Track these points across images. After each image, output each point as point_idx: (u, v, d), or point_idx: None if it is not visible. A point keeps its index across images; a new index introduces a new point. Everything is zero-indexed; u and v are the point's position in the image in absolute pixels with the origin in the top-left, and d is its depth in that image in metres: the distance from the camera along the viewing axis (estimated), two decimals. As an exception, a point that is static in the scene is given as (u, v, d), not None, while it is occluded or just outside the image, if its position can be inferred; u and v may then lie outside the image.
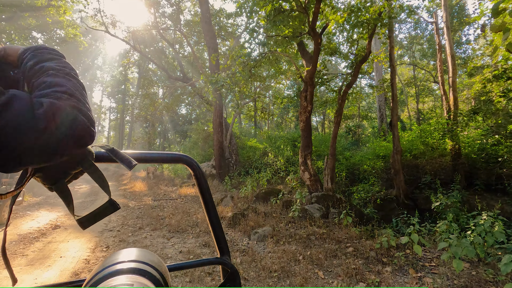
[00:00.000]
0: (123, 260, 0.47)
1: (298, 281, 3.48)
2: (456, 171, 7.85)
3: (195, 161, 0.83)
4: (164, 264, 0.51)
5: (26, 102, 0.47)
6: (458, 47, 17.15)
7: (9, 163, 0.47)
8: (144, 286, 0.39)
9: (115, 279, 0.41)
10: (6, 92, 0.47)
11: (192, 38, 18.73)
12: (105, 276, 0.43)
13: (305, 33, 7.19)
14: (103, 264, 0.46)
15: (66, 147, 0.51)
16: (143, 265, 0.46)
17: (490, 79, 7.38)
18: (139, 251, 0.51)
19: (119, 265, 0.45)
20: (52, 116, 0.48)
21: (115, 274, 0.43)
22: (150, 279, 0.44)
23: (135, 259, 0.47)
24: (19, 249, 4.89)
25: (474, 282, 3.26)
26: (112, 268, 0.44)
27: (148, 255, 0.50)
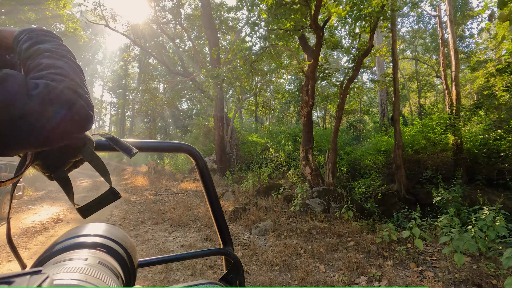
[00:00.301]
0: (80, 234, 0.44)
1: (300, 274, 3.49)
2: (458, 166, 7.83)
3: (197, 150, 0.81)
4: (133, 243, 0.47)
5: (20, 82, 0.45)
6: (461, 41, 16.99)
7: (3, 146, 0.45)
8: (102, 260, 0.36)
9: (69, 253, 0.38)
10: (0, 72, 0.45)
11: (192, 32, 18.61)
12: (60, 249, 0.40)
13: (306, 27, 7.11)
14: (57, 239, 0.43)
15: (64, 131, 0.49)
16: (103, 239, 0.43)
17: (494, 73, 7.30)
18: (101, 226, 0.48)
19: (74, 239, 0.42)
20: (48, 98, 0.46)
21: (72, 248, 0.40)
22: (111, 254, 0.41)
23: (98, 233, 0.44)
24: (22, 243, 4.92)
25: (475, 276, 3.26)
26: (67, 243, 0.41)
27: (111, 230, 0.47)
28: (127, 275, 0.40)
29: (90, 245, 0.41)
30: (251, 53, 8.16)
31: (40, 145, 0.49)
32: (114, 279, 0.33)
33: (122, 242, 0.44)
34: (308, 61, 7.57)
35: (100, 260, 0.36)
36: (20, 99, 0.44)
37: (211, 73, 8.39)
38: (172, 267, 3.76)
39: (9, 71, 0.46)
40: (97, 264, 0.34)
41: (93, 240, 0.42)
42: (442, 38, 9.93)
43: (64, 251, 0.39)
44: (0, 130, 0.43)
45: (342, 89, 8.26)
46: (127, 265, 0.41)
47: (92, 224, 0.48)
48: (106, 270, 0.34)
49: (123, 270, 0.39)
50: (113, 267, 0.37)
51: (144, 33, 18.49)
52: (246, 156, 14.30)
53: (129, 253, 0.43)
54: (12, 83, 0.44)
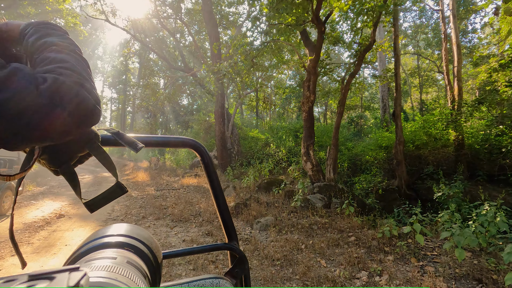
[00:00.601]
0: (109, 234, 0.45)
1: (301, 269, 3.52)
2: (459, 161, 7.82)
3: (202, 145, 0.81)
4: (157, 243, 0.48)
5: (29, 76, 0.45)
6: (464, 36, 16.84)
7: (12, 140, 0.45)
8: (130, 260, 0.37)
9: (99, 252, 0.39)
10: (8, 66, 0.45)
11: (193, 27, 18.50)
12: (88, 250, 0.41)
13: (308, 21, 7.06)
14: (88, 239, 0.44)
15: (71, 125, 0.49)
16: (130, 239, 0.43)
17: (496, 68, 7.25)
18: (128, 226, 0.48)
19: (103, 239, 0.43)
20: (56, 92, 0.46)
21: (100, 248, 0.41)
22: (138, 254, 0.42)
23: (124, 233, 0.45)
24: (25, 237, 4.96)
25: (476, 271, 3.28)
26: (96, 242, 0.42)
27: (137, 231, 0.47)
28: (153, 275, 0.41)
29: (118, 244, 0.41)
30: (252, 48, 8.10)
31: (48, 139, 0.49)
32: (142, 278, 0.34)
33: (148, 242, 0.45)
34: (310, 56, 7.52)
35: (128, 260, 0.37)
36: (29, 94, 0.43)
37: (212, 68, 8.36)
38: (174, 262, 3.78)
39: (18, 65, 0.46)
40: (125, 263, 0.35)
41: (121, 240, 0.43)
42: (444, 33, 9.85)
43: (93, 250, 0.40)
44: (10, 124, 0.42)
45: (344, 84, 8.22)
46: (153, 265, 0.42)
47: (118, 224, 0.49)
48: (134, 269, 0.35)
49: (149, 270, 0.40)
50: (140, 266, 0.38)
51: (144, 28, 18.38)
52: (247, 151, 14.30)
53: (154, 253, 0.44)
54: (21, 77, 0.44)
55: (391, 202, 7.23)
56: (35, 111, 0.44)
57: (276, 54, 8.91)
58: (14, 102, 0.42)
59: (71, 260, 0.40)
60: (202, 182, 10.53)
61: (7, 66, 0.44)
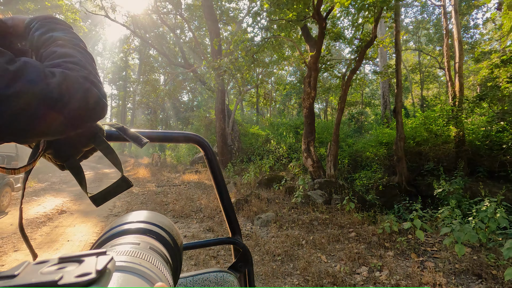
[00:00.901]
0: (132, 220, 0.45)
1: (302, 264, 3.54)
2: (460, 158, 7.82)
3: (206, 140, 0.81)
4: (176, 228, 0.49)
5: (39, 70, 0.45)
6: (466, 32, 16.73)
7: (22, 134, 0.46)
8: (152, 245, 0.38)
9: (122, 238, 0.40)
10: (18, 60, 0.45)
11: (193, 23, 18.40)
12: (112, 235, 0.41)
13: (309, 17, 7.02)
14: (111, 225, 0.45)
15: (79, 119, 0.50)
16: (152, 226, 0.44)
17: (498, 65, 7.22)
18: (149, 213, 0.49)
19: (126, 225, 0.43)
20: (65, 86, 0.47)
21: (122, 234, 0.41)
22: (160, 240, 0.42)
23: (144, 220, 0.46)
24: (27, 233, 4.94)
25: (476, 266, 3.30)
26: (120, 228, 0.43)
27: (158, 217, 0.48)
28: (174, 260, 0.42)
29: (141, 231, 0.42)
30: (252, 44, 8.07)
31: (56, 133, 0.49)
32: (164, 264, 0.35)
33: (169, 229, 0.46)
34: (311, 52, 7.49)
35: (150, 245, 0.37)
36: (39, 88, 0.44)
37: (212, 64, 8.33)
38: (176, 257, 3.81)
39: (27, 60, 0.46)
40: (148, 249, 0.36)
41: (142, 226, 0.43)
42: (446, 28, 9.78)
43: (117, 236, 0.41)
44: (20, 118, 0.43)
45: (344, 80, 8.20)
46: (174, 251, 0.43)
47: (139, 211, 0.50)
48: (157, 255, 0.36)
49: (170, 256, 0.41)
50: (162, 252, 0.39)
51: (144, 24, 18.29)
52: (248, 148, 14.31)
53: (175, 240, 0.45)
54: (31, 71, 0.44)
55: (391, 198, 7.25)
56: (45, 105, 0.44)
57: (277, 50, 8.88)
58: (25, 96, 0.42)
59: (96, 245, 0.41)
60: (203, 178, 10.55)
61: (16, 60, 0.45)
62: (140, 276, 0.26)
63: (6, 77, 0.42)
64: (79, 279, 0.17)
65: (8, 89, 0.42)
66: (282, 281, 3.25)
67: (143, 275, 0.27)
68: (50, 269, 0.20)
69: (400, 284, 3.07)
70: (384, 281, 3.15)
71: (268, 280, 3.25)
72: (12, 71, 0.43)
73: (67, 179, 11.75)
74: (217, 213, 5.99)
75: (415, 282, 3.06)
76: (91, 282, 0.18)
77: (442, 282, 3.03)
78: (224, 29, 18.68)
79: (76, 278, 0.18)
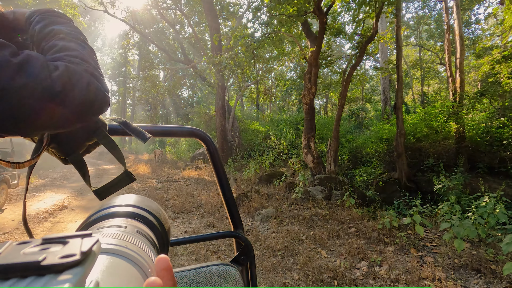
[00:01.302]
0: (119, 204, 0.45)
1: (302, 259, 3.57)
2: (460, 154, 7.82)
3: (208, 135, 0.82)
4: (164, 213, 0.48)
5: (42, 64, 0.45)
6: (467, 27, 16.64)
7: (26, 127, 0.46)
8: (139, 229, 0.37)
9: (109, 221, 0.39)
10: (21, 52, 0.45)
11: (193, 19, 18.27)
12: (98, 218, 0.41)
13: (310, 12, 6.97)
14: (98, 207, 0.44)
15: (83, 113, 0.50)
16: (140, 210, 0.44)
17: (499, 60, 7.18)
18: (137, 197, 0.48)
19: (114, 208, 0.43)
20: (68, 80, 0.47)
21: (109, 217, 0.41)
22: (147, 224, 0.42)
23: (132, 204, 0.45)
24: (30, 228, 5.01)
25: (475, 261, 3.32)
26: (107, 211, 0.42)
27: (146, 202, 0.47)
28: (161, 245, 0.41)
29: (128, 214, 0.41)
30: (253, 40, 8.03)
31: (59, 126, 0.50)
32: (151, 247, 0.34)
33: (156, 214, 0.45)
34: (311, 48, 7.46)
35: (138, 229, 0.37)
36: (43, 81, 0.44)
37: (212, 60, 8.30)
38: (177, 252, 3.84)
39: (30, 52, 0.46)
40: (135, 232, 0.35)
41: (130, 210, 0.42)
42: (447, 24, 9.72)
43: (104, 218, 0.40)
44: (25, 111, 0.43)
45: (345, 76, 8.17)
46: (161, 235, 0.42)
47: (127, 195, 0.49)
48: (144, 238, 0.35)
49: (158, 240, 0.41)
50: (150, 236, 0.38)
51: (143, 19, 18.18)
52: (248, 144, 14.32)
53: (163, 224, 0.44)
54: (34, 64, 0.44)
55: (391, 194, 7.27)
56: (49, 98, 0.45)
57: (277, 46, 8.84)
58: (29, 89, 0.42)
59: (82, 228, 0.40)
60: (203, 174, 10.58)
61: (19, 53, 0.45)
62: (126, 259, 0.26)
63: (10, 69, 0.42)
64: (63, 260, 0.17)
65: (13, 81, 0.42)
66: (283, 275, 3.28)
67: (129, 258, 0.26)
68: (33, 249, 0.19)
69: (400, 279, 3.09)
70: (383, 276, 3.18)
71: (269, 275, 3.28)
72: (16, 63, 0.43)
73: (67, 175, 11.78)
74: (218, 209, 6.01)
75: (415, 277, 3.08)
76: (75, 264, 0.17)
77: (441, 277, 3.06)
78: (224, 25, 18.56)
79: (60, 259, 0.17)
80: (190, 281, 0.72)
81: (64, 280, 0.16)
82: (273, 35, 8.26)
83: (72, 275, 0.16)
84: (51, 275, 0.16)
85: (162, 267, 0.26)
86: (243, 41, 7.80)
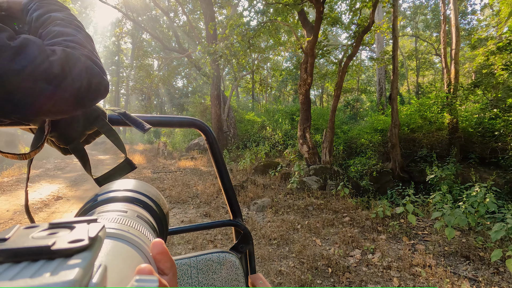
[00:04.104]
0: (118, 189, 0.45)
1: (297, 248, 3.64)
2: (453, 144, 7.95)
3: (207, 126, 0.82)
4: (163, 198, 0.49)
5: (40, 47, 0.45)
6: (463, 18, 16.62)
7: (25, 111, 0.46)
8: (139, 214, 0.38)
9: (109, 205, 0.40)
10: (18, 36, 0.45)
11: (187, 6, 17.88)
12: (99, 202, 0.41)
13: (306, 1, 6.88)
14: (98, 192, 0.45)
15: (83, 98, 0.50)
16: (139, 195, 0.44)
17: (494, 51, 7.22)
18: (136, 182, 0.49)
19: (113, 193, 0.43)
20: (66, 64, 0.47)
21: (109, 201, 0.41)
22: (146, 209, 0.42)
23: (131, 188, 0.45)
24: (24, 219, 5.00)
25: (464, 249, 3.43)
26: (107, 196, 0.42)
27: (145, 186, 0.48)
28: (160, 229, 0.42)
29: (128, 199, 0.42)
30: (248, 29, 7.92)
31: (60, 112, 0.50)
32: (151, 231, 0.35)
33: (156, 199, 0.45)
34: (307, 38, 7.39)
35: (138, 214, 0.38)
36: (41, 64, 0.44)
37: (207, 49, 8.19)
38: (174, 242, 3.88)
39: (28, 36, 0.45)
40: (135, 217, 0.36)
41: (130, 195, 0.43)
42: (444, 14, 9.69)
43: (104, 203, 0.41)
44: (23, 95, 0.43)
45: (341, 67, 8.15)
46: (160, 219, 0.43)
47: (126, 180, 0.49)
48: (144, 223, 0.36)
49: (157, 224, 0.42)
50: (149, 220, 0.39)
51: (136, 6, 17.75)
52: (243, 134, 14.31)
53: (162, 209, 0.45)
54: (33, 48, 0.44)
55: (385, 184, 7.39)
56: (48, 82, 0.44)
57: (273, 35, 8.74)
58: (28, 73, 0.42)
59: (82, 212, 0.40)
60: (198, 164, 10.58)
61: (17, 37, 0.44)
62: (128, 243, 0.27)
63: (9, 53, 0.42)
64: (72, 245, 0.18)
65: (11, 65, 0.41)
66: (278, 263, 3.35)
67: (131, 242, 0.27)
68: (41, 234, 0.20)
69: (392, 266, 3.18)
70: (376, 263, 3.26)
71: (265, 263, 3.34)
72: (14, 47, 0.42)
73: (61, 165, 11.68)
74: (214, 199, 6.06)
75: (406, 264, 3.17)
76: (83, 248, 0.18)
77: (432, 264, 3.15)
78: (219, 13, 18.22)
79: (69, 244, 0.18)
80: (191, 268, 0.74)
81: (74, 264, 0.16)
82: (269, 24, 8.15)
83: (81, 259, 0.17)
84: (61, 259, 0.17)
85: (158, 251, 0.28)
86: (239, 30, 7.69)
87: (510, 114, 6.74)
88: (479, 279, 2.87)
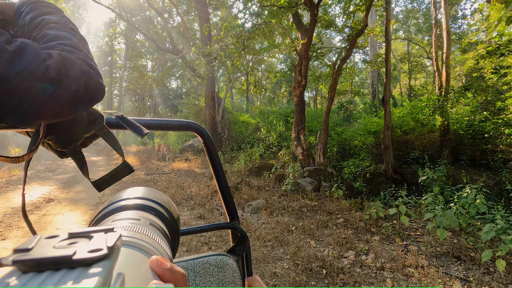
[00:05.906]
0: (129, 197, 0.45)
1: (291, 249, 3.65)
2: (444, 146, 8.08)
3: (204, 129, 0.83)
4: (174, 204, 0.49)
5: (36, 51, 0.45)
6: (454, 22, 16.94)
7: (22, 114, 0.45)
8: (152, 222, 0.38)
9: (122, 213, 0.40)
10: (15, 40, 0.44)
11: (181, 7, 17.83)
12: (111, 211, 0.41)
13: (301, 4, 6.94)
14: (110, 201, 0.45)
15: (79, 101, 0.50)
16: (150, 202, 0.44)
17: (483, 55, 7.38)
18: (146, 189, 0.49)
19: (125, 201, 0.43)
20: (62, 68, 0.47)
21: (121, 209, 0.41)
22: (158, 216, 0.42)
23: (142, 196, 0.46)
24: (14, 222, 4.90)
25: (456, 249, 3.48)
26: (119, 204, 0.43)
27: (155, 194, 0.48)
28: (172, 237, 0.43)
29: (140, 207, 0.42)
30: (243, 30, 7.94)
31: (56, 115, 0.49)
32: (163, 239, 0.36)
33: (167, 206, 0.46)
34: (302, 40, 7.45)
35: (150, 221, 0.38)
36: (38, 69, 0.44)
37: (202, 51, 8.17)
38: (168, 244, 3.85)
39: (25, 40, 0.45)
40: (148, 225, 0.36)
41: (141, 202, 0.43)
42: (435, 18, 9.86)
43: (116, 211, 0.41)
44: (21, 99, 0.43)
45: (335, 69, 8.22)
46: (172, 226, 0.44)
47: (136, 187, 0.50)
48: (157, 230, 0.36)
49: (169, 231, 0.42)
50: (162, 228, 0.39)
51: (130, 7, 17.62)
52: (238, 136, 14.30)
53: (173, 216, 0.45)
54: (29, 52, 0.44)
55: (378, 185, 7.46)
56: (45, 87, 0.44)
57: (268, 37, 8.78)
58: (24, 77, 0.42)
59: (95, 221, 0.41)
60: (192, 166, 10.53)
61: (13, 41, 0.44)
62: (142, 251, 0.27)
63: (6, 56, 0.42)
64: (92, 254, 0.19)
65: (8, 69, 0.41)
66: (273, 265, 3.35)
67: (146, 250, 0.28)
68: (62, 243, 0.21)
69: (385, 267, 3.21)
70: (370, 264, 3.29)
71: (259, 265, 3.34)
72: (11, 51, 0.42)
73: (52, 167, 11.50)
74: (208, 201, 6.03)
75: (399, 265, 3.21)
76: (103, 257, 0.19)
77: (424, 264, 3.20)
78: (213, 14, 18.21)
79: (89, 254, 0.19)
80: (188, 271, 0.74)
81: (94, 273, 0.17)
82: (263, 26, 8.19)
83: (101, 268, 0.18)
84: (81, 268, 0.18)
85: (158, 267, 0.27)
86: (234, 31, 7.71)
87: (499, 117, 6.89)
88: (470, 279, 2.92)
